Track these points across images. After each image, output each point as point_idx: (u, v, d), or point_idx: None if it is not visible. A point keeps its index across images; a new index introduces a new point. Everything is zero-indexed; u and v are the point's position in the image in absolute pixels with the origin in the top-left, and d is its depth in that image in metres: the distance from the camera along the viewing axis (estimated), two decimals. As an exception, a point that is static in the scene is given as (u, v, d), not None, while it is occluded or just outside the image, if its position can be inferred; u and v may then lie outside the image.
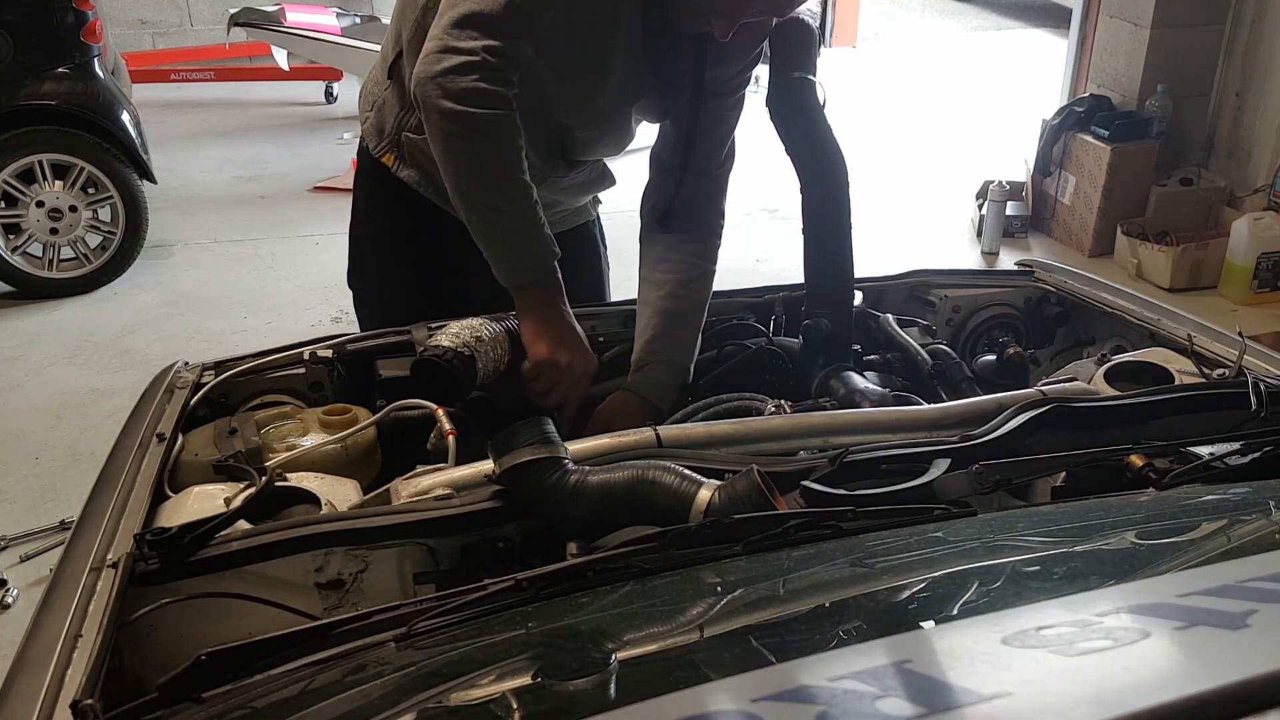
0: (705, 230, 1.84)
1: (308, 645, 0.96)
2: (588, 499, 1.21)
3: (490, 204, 1.55)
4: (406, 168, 1.85)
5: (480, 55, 1.48)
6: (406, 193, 1.86)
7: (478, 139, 1.52)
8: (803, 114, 1.74)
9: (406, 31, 1.74)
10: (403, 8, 1.77)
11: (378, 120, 1.87)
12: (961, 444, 1.34)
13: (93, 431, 3.52)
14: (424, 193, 1.85)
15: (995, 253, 5.07)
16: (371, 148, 1.88)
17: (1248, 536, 1.03)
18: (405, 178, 1.85)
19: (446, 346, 1.52)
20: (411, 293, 1.92)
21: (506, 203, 1.55)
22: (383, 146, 1.86)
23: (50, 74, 4.34)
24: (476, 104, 1.48)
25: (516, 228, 1.57)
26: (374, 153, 1.87)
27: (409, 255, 1.95)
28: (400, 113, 1.82)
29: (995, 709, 0.60)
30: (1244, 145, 4.96)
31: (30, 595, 2.79)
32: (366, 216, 2.02)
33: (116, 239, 4.55)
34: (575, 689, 0.78)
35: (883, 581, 1.02)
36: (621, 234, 2.20)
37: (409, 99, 1.76)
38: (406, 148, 1.83)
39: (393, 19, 1.83)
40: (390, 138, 1.84)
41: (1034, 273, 2.08)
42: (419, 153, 1.80)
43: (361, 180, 2.00)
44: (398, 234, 1.94)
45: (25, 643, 1.04)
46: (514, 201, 1.55)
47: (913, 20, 10.32)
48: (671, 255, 1.80)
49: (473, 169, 1.54)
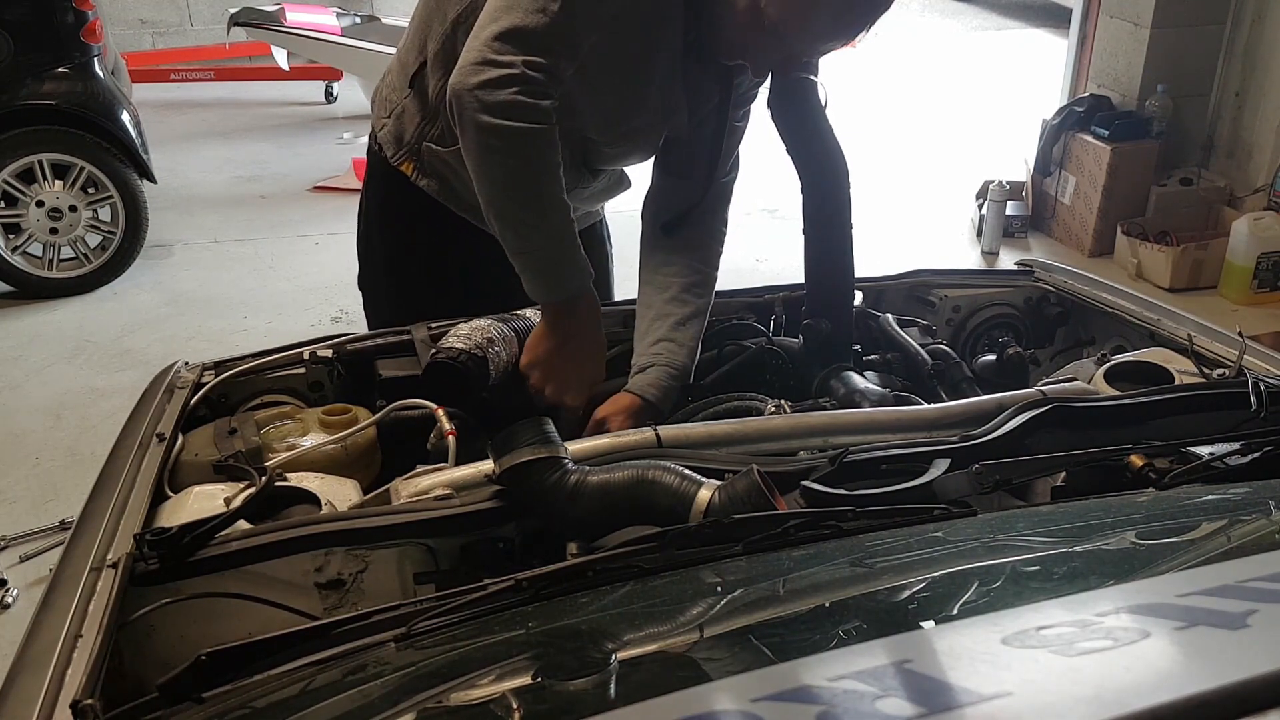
0: (709, 236, 1.83)
1: (308, 645, 0.96)
2: (588, 499, 1.21)
3: (526, 220, 1.53)
4: (426, 177, 1.84)
5: (520, 69, 1.44)
6: (424, 201, 1.85)
7: (515, 154, 1.48)
8: (803, 114, 1.74)
9: (433, 43, 1.73)
10: (428, 17, 1.75)
11: (396, 128, 1.85)
12: (961, 444, 1.34)
13: (93, 431, 3.52)
14: (443, 201, 1.85)
15: (995, 253, 5.07)
16: (390, 156, 1.87)
17: (1248, 536, 1.03)
18: (425, 186, 1.84)
19: (460, 349, 1.51)
20: (425, 298, 1.91)
21: (543, 220, 1.53)
22: (401, 155, 1.85)
23: (50, 74, 4.34)
24: (516, 118, 1.45)
25: (552, 247, 1.55)
26: (392, 160, 1.86)
27: (424, 262, 1.94)
28: (422, 122, 1.81)
29: (995, 709, 0.60)
30: (1244, 145, 4.96)
31: (30, 595, 2.79)
32: (381, 223, 2.00)
33: (116, 239, 4.55)
34: (575, 689, 0.78)
35: (883, 581, 1.02)
36: (622, 234, 2.20)
37: (431, 109, 1.76)
38: (427, 157, 1.81)
39: (414, 27, 1.81)
40: (410, 146, 1.83)
41: (1034, 273, 2.08)
42: (440, 162, 1.80)
43: (374, 187, 1.99)
44: (413, 241, 1.94)
45: (25, 643, 1.03)
46: (550, 220, 1.53)
47: (913, 20, 10.32)
48: (675, 259, 1.79)
49: (509, 184, 1.51)
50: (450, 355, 1.50)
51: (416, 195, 1.85)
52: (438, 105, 1.76)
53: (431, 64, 1.75)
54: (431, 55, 1.75)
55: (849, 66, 8.35)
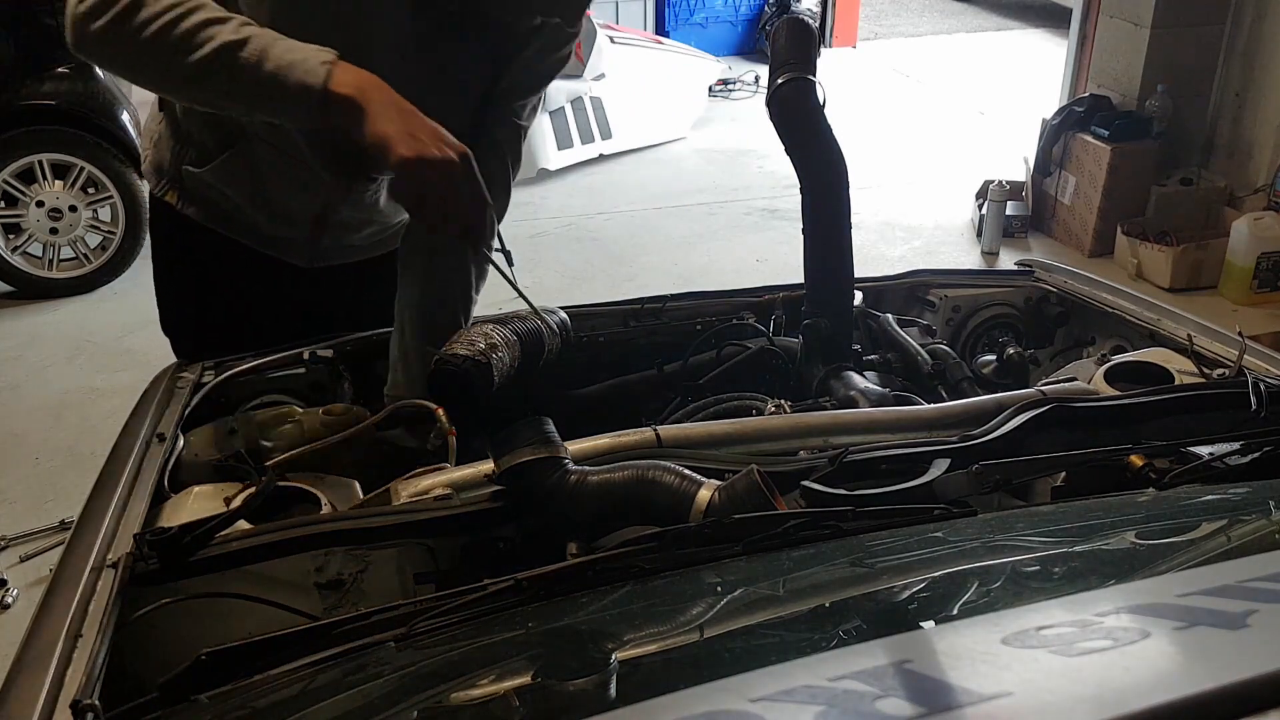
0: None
1: (308, 645, 0.96)
2: (588, 499, 1.21)
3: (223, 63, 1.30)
4: (191, 204, 1.72)
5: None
6: (197, 230, 1.73)
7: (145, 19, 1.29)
8: (803, 114, 1.74)
9: None
10: None
11: (156, 158, 1.74)
12: (961, 444, 1.34)
13: (93, 431, 3.52)
14: (214, 227, 1.73)
15: (995, 253, 5.07)
16: (152, 187, 1.75)
17: (1248, 536, 1.03)
18: (192, 215, 1.73)
19: (464, 355, 1.51)
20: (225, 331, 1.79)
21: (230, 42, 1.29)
22: (164, 185, 1.73)
23: (50, 74, 4.35)
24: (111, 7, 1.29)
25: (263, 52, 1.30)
26: (156, 192, 1.75)
27: (216, 295, 1.82)
28: (175, 145, 1.70)
29: (995, 709, 0.60)
30: (1244, 145, 4.96)
31: (30, 595, 2.80)
32: (165, 262, 1.87)
33: (116, 239, 4.55)
34: (575, 689, 0.78)
35: (883, 581, 1.02)
36: (622, 234, 2.20)
37: (183, 131, 1.67)
38: (188, 182, 1.69)
39: None
40: (169, 174, 1.72)
41: (1034, 273, 2.08)
42: (201, 185, 1.68)
43: (154, 225, 1.85)
44: (199, 277, 1.82)
45: (25, 643, 1.03)
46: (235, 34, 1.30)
47: (913, 20, 10.32)
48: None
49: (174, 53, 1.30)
50: (455, 363, 1.50)
51: (189, 228, 1.74)
52: (188, 126, 1.66)
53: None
54: None
55: (849, 66, 8.36)
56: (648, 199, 5.64)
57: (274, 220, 1.72)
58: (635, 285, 4.57)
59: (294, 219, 1.72)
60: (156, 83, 1.44)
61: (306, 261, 1.80)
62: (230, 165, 1.64)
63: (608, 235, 5.19)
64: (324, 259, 1.81)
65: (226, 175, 1.65)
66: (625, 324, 1.87)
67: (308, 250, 1.78)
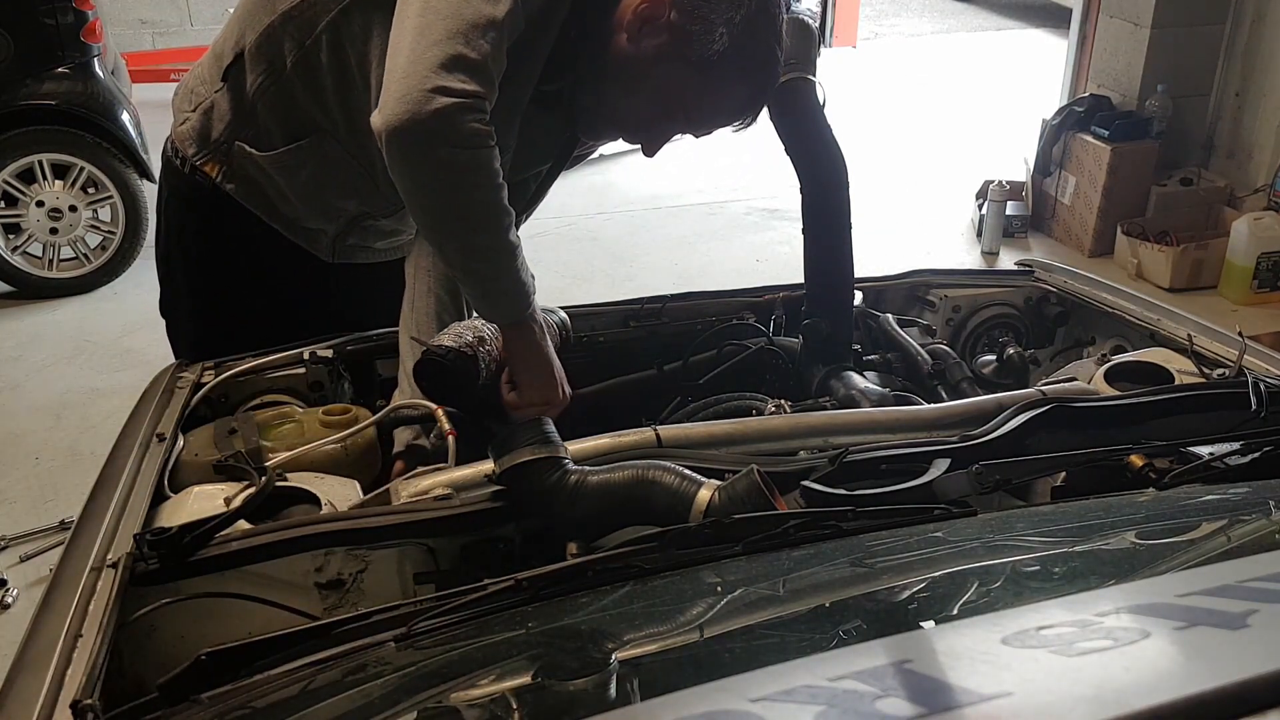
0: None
1: (308, 645, 0.96)
2: (588, 499, 1.21)
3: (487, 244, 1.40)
4: (232, 180, 1.69)
5: (472, 99, 1.32)
6: (229, 207, 1.71)
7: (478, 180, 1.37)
8: (803, 114, 1.74)
9: (253, 34, 1.60)
10: (254, 6, 1.61)
11: (202, 125, 1.69)
12: (961, 444, 1.34)
13: (93, 431, 3.52)
14: (251, 207, 1.71)
15: (995, 253, 5.07)
16: (191, 154, 1.71)
17: (1248, 536, 1.03)
18: (231, 191, 1.70)
19: (449, 346, 1.52)
20: (231, 320, 1.79)
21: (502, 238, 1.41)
22: (205, 155, 1.69)
23: (50, 74, 4.34)
24: (479, 144, 1.34)
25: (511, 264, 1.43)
26: (194, 159, 1.70)
27: (230, 280, 1.81)
28: (234, 121, 1.66)
29: (995, 709, 0.60)
30: (1244, 145, 4.96)
31: (30, 595, 2.79)
32: (181, 238, 1.83)
33: (116, 239, 4.55)
34: (575, 689, 0.78)
35: (883, 581, 1.02)
36: (621, 234, 2.20)
37: (248, 107, 1.64)
38: (238, 159, 1.67)
39: (236, 16, 1.66)
40: (217, 146, 1.68)
41: (1034, 273, 2.08)
42: (253, 166, 1.67)
43: (172, 199, 1.81)
44: (218, 254, 1.79)
45: (25, 643, 1.03)
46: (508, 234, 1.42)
47: (913, 20, 10.32)
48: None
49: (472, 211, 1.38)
50: (439, 353, 1.50)
51: (221, 204, 1.71)
52: (255, 103, 1.63)
53: (251, 57, 1.61)
54: (251, 47, 1.60)
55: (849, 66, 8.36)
56: (647, 199, 5.63)
57: (314, 214, 1.73)
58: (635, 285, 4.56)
59: (333, 216, 1.74)
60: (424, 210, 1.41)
61: (329, 256, 1.81)
62: (294, 156, 1.64)
63: (607, 235, 5.18)
64: (347, 256, 1.82)
65: (285, 165, 1.66)
66: (625, 324, 1.87)
67: (333, 246, 1.79)
